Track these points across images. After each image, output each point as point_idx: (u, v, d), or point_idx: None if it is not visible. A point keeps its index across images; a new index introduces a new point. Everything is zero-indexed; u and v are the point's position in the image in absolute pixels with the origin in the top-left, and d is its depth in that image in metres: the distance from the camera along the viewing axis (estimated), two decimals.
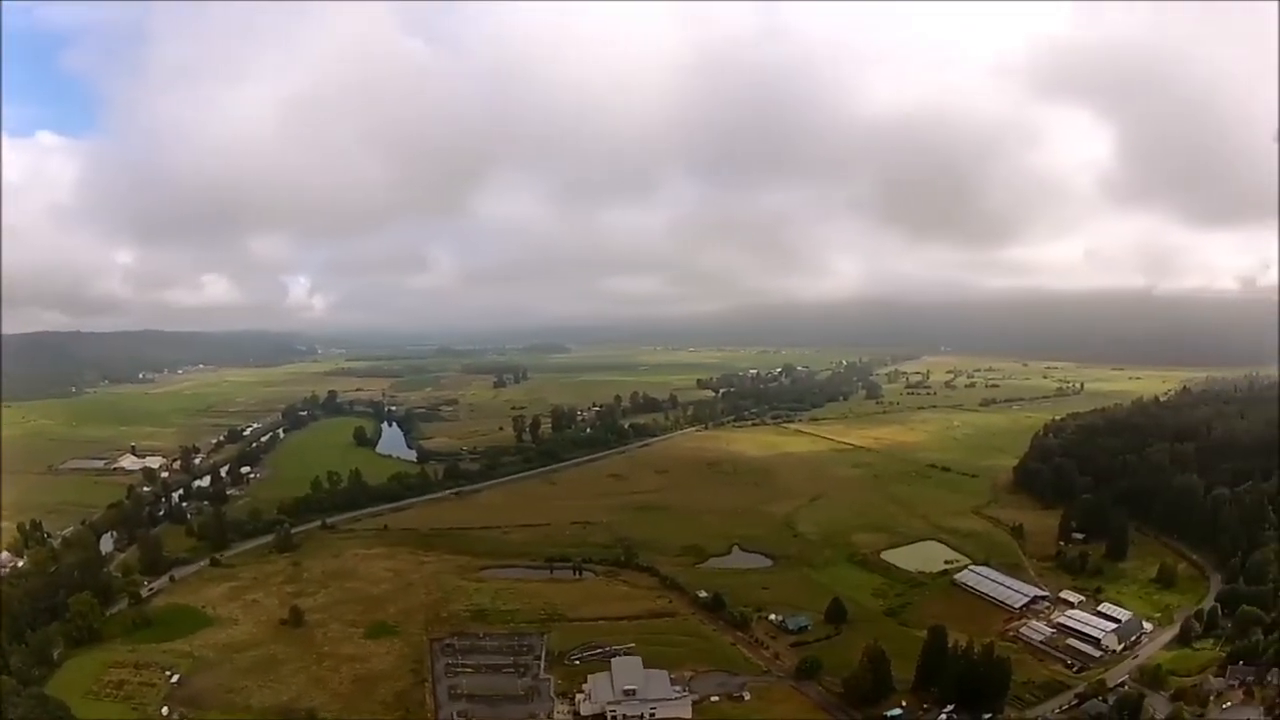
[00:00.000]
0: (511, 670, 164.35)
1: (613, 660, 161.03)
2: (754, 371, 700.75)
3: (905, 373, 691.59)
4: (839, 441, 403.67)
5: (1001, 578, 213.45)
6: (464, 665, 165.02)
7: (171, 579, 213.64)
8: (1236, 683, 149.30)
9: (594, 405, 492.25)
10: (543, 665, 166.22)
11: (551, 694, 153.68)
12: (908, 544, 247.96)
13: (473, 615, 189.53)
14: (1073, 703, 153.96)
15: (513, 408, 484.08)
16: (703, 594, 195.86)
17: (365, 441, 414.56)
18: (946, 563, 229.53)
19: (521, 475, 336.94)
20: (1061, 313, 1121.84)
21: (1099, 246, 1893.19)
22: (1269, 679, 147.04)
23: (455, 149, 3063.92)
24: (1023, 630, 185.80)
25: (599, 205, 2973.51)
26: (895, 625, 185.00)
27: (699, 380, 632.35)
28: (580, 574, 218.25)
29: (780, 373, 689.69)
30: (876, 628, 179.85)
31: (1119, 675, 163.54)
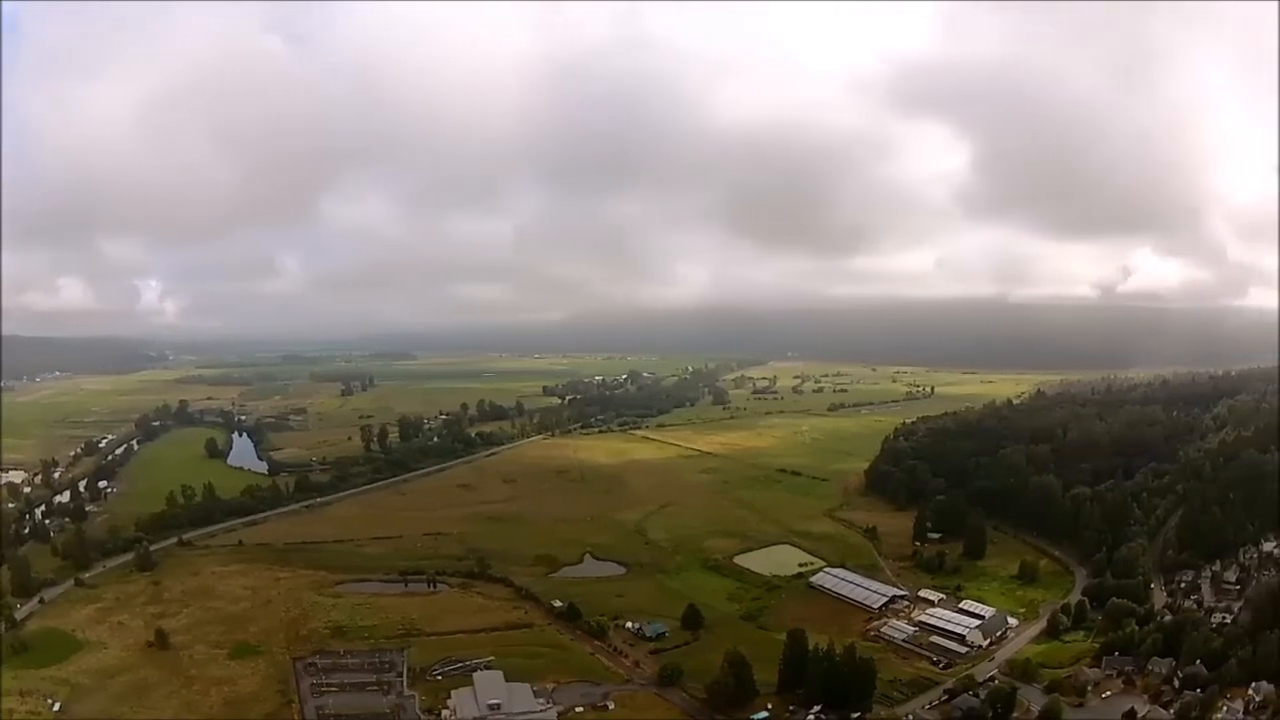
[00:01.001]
0: (376, 688, 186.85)
1: (475, 675, 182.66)
2: (600, 378, 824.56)
3: (752, 378, 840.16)
4: (687, 447, 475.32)
5: (858, 579, 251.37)
6: (329, 685, 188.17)
7: (41, 601, 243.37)
8: (1114, 672, 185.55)
9: (441, 413, 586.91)
10: (405, 682, 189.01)
11: (417, 711, 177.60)
12: (760, 548, 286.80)
13: (332, 632, 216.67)
14: (943, 699, 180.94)
15: (361, 416, 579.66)
16: (558, 604, 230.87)
17: (217, 453, 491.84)
18: (801, 566, 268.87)
19: (371, 486, 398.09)
20: (913, 319, 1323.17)
21: (951, 255, 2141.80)
22: (1150, 668, 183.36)
23: (308, 151, 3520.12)
24: (884, 630, 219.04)
25: (447, 211, 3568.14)
26: (754, 629, 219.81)
27: (545, 387, 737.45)
28: (435, 587, 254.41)
29: (626, 379, 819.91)
30: (734, 632, 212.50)
31: (988, 670, 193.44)
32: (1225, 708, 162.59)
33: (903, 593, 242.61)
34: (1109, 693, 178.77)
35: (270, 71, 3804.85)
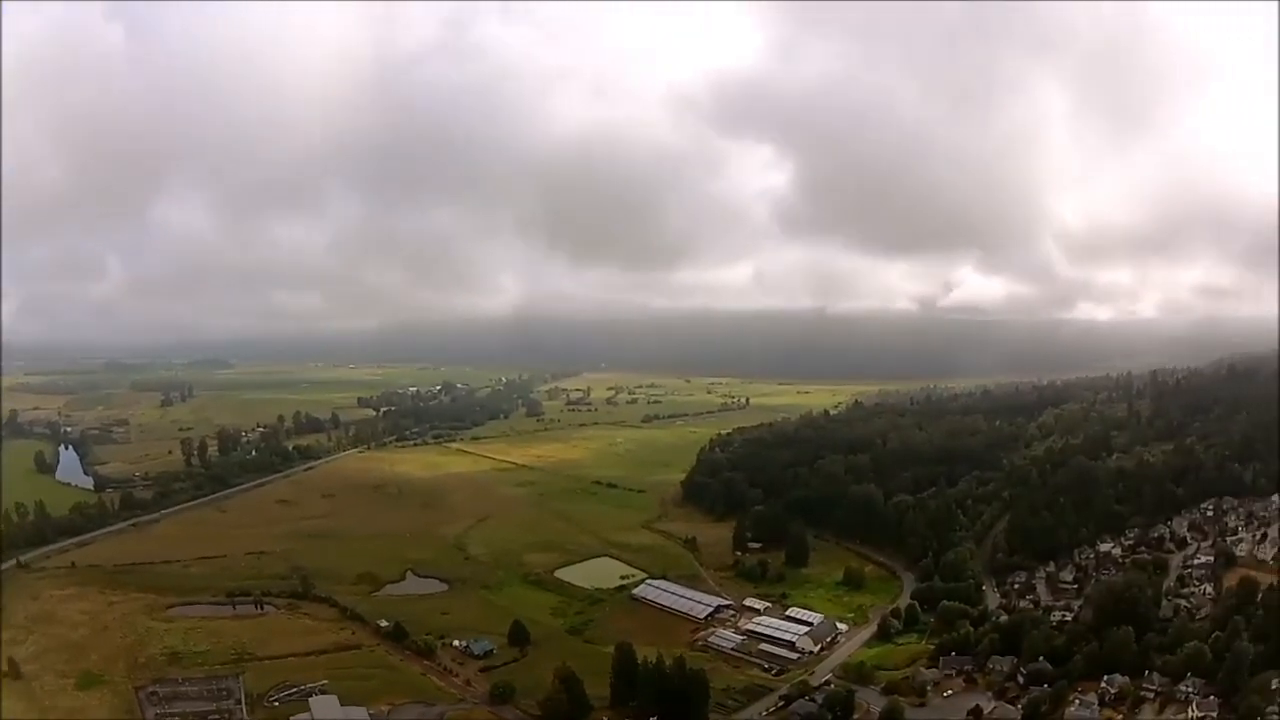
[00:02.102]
0: (216, 716, 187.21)
1: (310, 700, 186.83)
2: (414, 389, 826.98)
3: (566, 390, 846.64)
4: (502, 460, 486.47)
5: (682, 590, 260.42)
6: (171, 713, 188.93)
7: None
8: (953, 672, 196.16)
9: (258, 426, 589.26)
10: (244, 709, 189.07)
11: None
12: (580, 561, 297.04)
13: (168, 659, 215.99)
14: (779, 705, 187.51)
15: (180, 429, 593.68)
16: (384, 623, 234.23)
17: (46, 467, 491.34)
18: (622, 578, 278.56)
19: (194, 503, 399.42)
20: (728, 331, 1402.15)
21: (771, 269, 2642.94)
22: (991, 666, 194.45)
23: (135, 150, 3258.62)
24: (712, 639, 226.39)
25: (269, 215, 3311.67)
26: (580, 643, 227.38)
27: (360, 399, 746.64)
28: (262, 608, 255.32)
29: (440, 390, 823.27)
30: (561, 647, 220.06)
31: (821, 675, 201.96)
32: (1077, 701, 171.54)
33: (728, 602, 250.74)
34: (950, 691, 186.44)
35: (109, 63, 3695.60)
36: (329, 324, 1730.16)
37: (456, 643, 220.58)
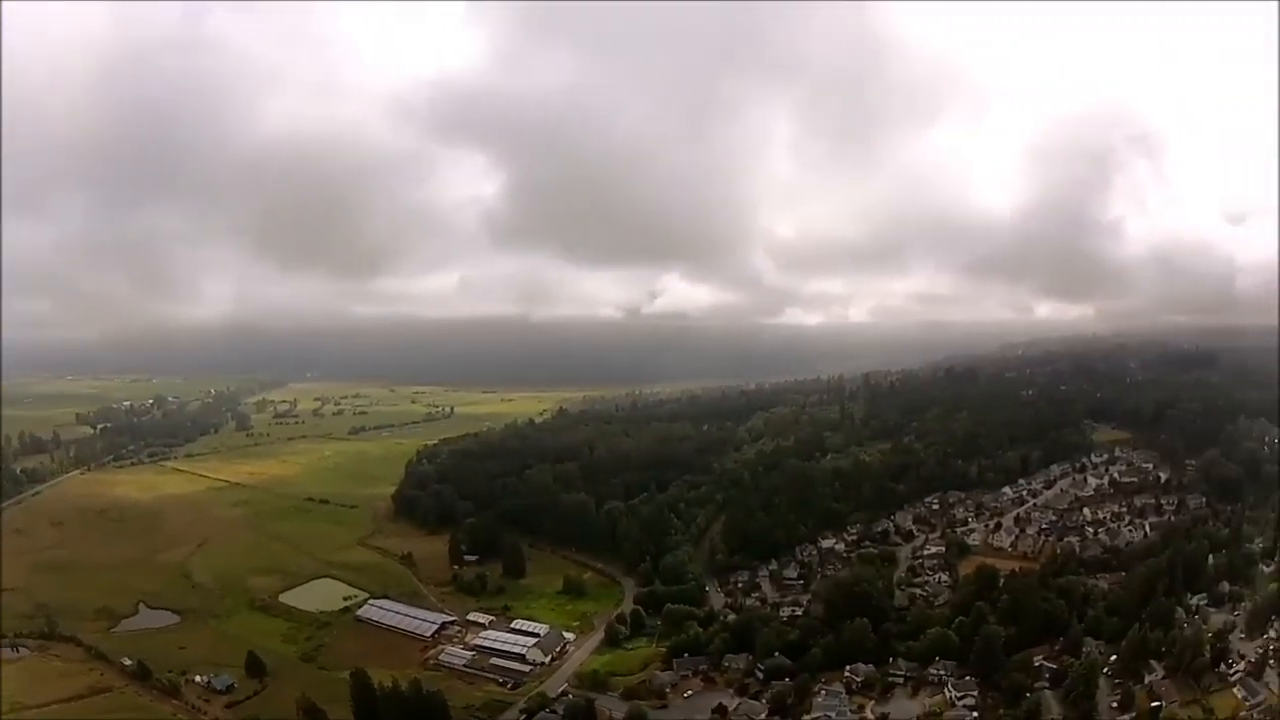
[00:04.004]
0: None
1: None
2: (128, 404, 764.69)
3: (273, 401, 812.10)
4: (216, 479, 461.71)
5: (405, 608, 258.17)
6: None
7: None
8: (688, 672, 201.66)
9: None
10: None
11: None
12: (302, 583, 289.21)
13: None
14: (520, 718, 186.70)
15: None
16: (128, 662, 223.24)
17: None
18: (346, 599, 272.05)
19: None
20: (433, 339, 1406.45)
21: (476, 277, 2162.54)
22: (726, 664, 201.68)
23: None
24: (442, 657, 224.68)
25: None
26: (315, 670, 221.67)
27: (78, 415, 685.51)
28: (18, 651, 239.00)
29: (153, 404, 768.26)
30: (298, 675, 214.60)
31: (557, 685, 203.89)
32: (823, 692, 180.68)
33: (452, 618, 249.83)
34: (690, 692, 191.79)
35: None
36: (55, 333, 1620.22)
37: (198, 678, 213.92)
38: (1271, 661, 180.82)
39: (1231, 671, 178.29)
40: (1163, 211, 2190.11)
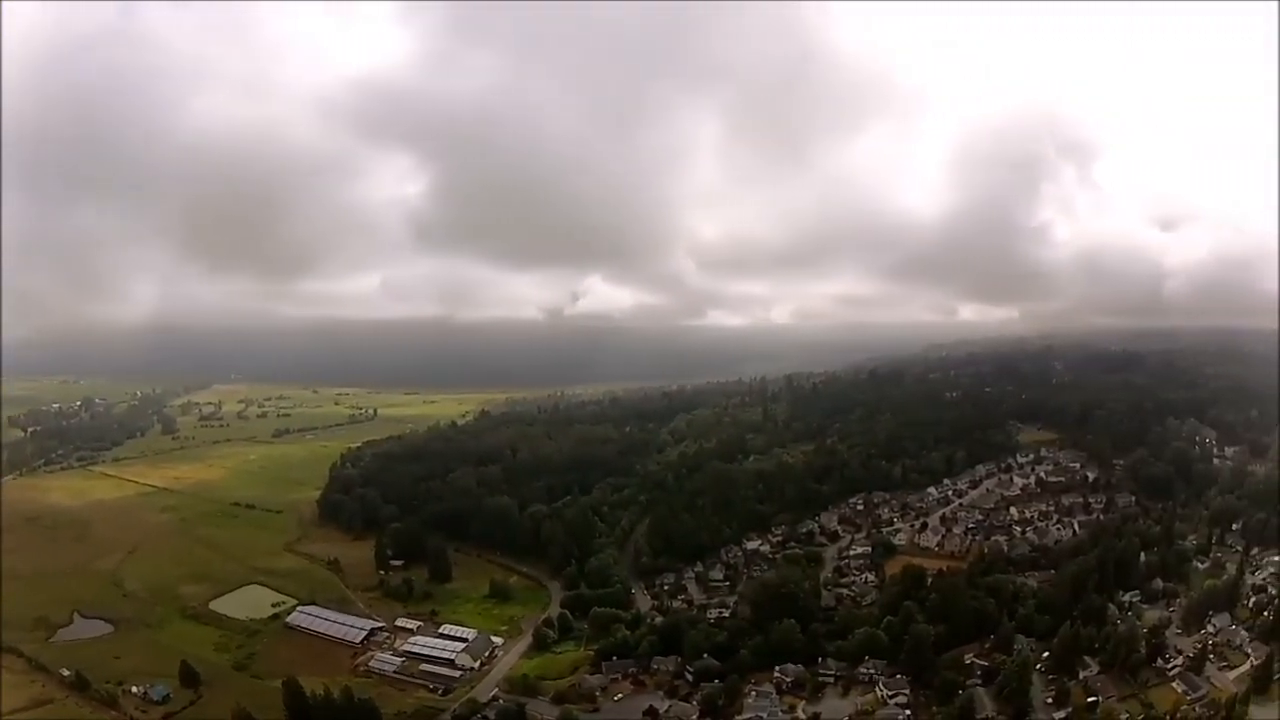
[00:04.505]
0: None
1: None
2: (57, 406, 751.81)
3: (198, 403, 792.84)
4: (144, 484, 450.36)
5: (333, 614, 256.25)
6: None
7: None
8: (618, 675, 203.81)
9: None
10: None
11: None
12: (231, 590, 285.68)
13: None
14: None
15: None
16: (66, 673, 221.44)
17: None
18: (275, 606, 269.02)
19: None
20: (355, 340, 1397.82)
21: (399, 278, 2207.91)
22: (655, 667, 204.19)
23: None
24: (373, 664, 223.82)
25: None
26: (249, 679, 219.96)
27: (9, 418, 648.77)
28: None
29: (80, 406, 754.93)
30: (232, 684, 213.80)
31: (487, 690, 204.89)
32: (754, 692, 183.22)
33: (380, 624, 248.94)
34: (620, 695, 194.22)
35: None
36: None
37: (135, 689, 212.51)
38: (1211, 656, 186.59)
39: (1170, 667, 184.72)
40: (1092, 217, 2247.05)
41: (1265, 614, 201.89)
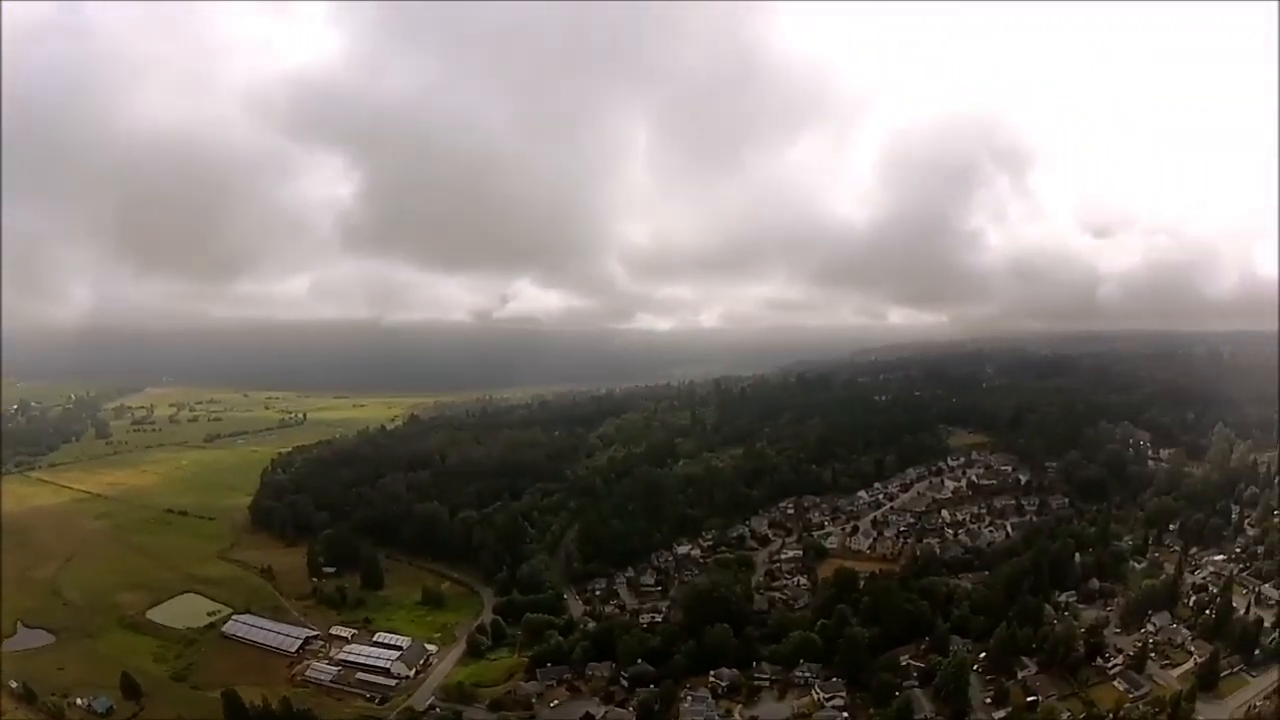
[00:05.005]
0: None
1: None
2: None
3: (131, 407, 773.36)
4: (79, 490, 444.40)
5: (268, 623, 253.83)
6: None
7: None
8: (553, 682, 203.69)
9: None
10: None
11: None
12: (168, 599, 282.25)
13: None
14: None
15: None
16: (14, 684, 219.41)
17: None
18: (210, 615, 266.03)
19: None
20: (285, 343, 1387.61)
21: (328, 280, 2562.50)
22: (590, 673, 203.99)
23: None
24: (309, 673, 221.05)
25: None
26: (188, 690, 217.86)
27: None
28: None
29: (17, 410, 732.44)
30: (172, 696, 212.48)
31: (424, 698, 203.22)
32: (689, 697, 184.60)
33: (315, 632, 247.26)
34: (556, 702, 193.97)
35: None
36: None
37: (79, 701, 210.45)
38: (1153, 655, 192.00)
39: (1110, 665, 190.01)
40: (1026, 223, 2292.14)
41: (1207, 612, 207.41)
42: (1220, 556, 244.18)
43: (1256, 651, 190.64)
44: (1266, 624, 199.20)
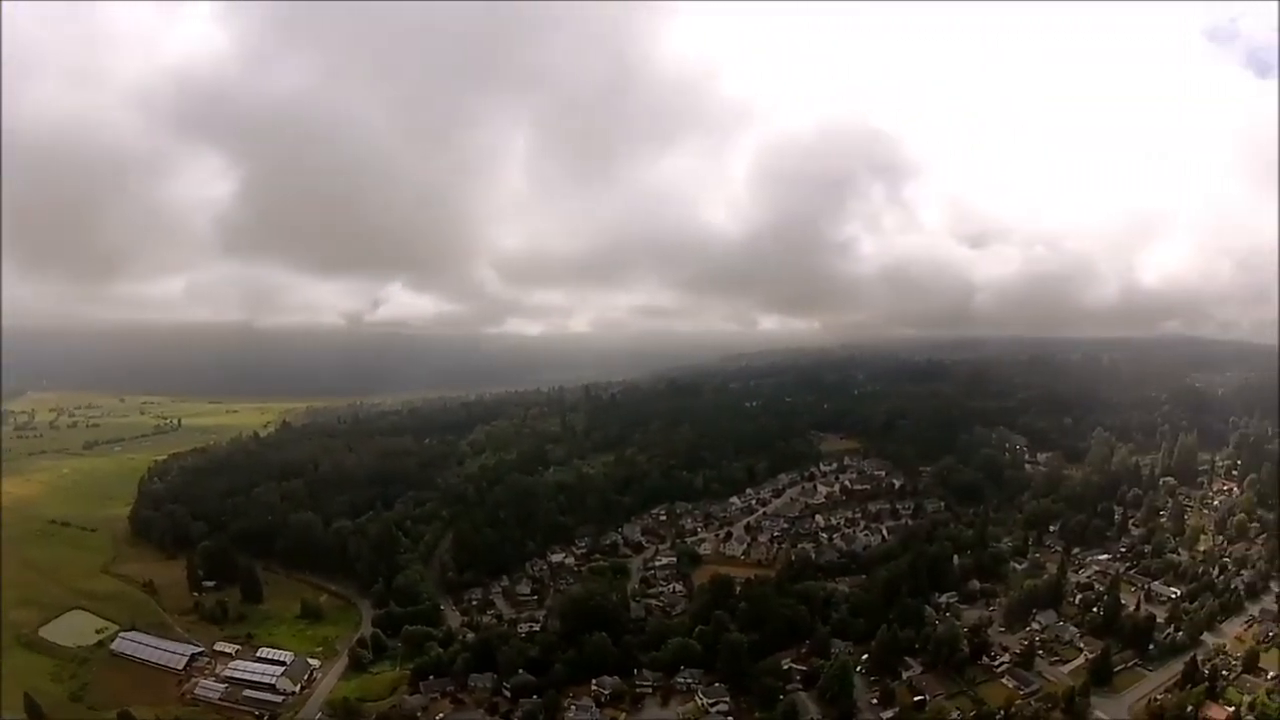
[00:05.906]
0: None
1: None
2: None
3: (14, 412, 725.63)
4: None
5: (155, 640, 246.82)
6: None
7: None
8: (437, 695, 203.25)
9: None
10: None
11: None
12: (57, 616, 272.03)
13: None
14: None
15: None
16: None
17: None
18: (98, 632, 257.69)
19: None
20: (160, 346, 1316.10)
21: (203, 282, 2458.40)
22: (473, 684, 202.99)
23: None
24: (198, 691, 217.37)
25: None
26: (86, 711, 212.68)
27: None
28: None
29: None
30: (70, 717, 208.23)
31: (311, 714, 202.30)
32: (573, 706, 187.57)
33: (200, 648, 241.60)
34: (441, 715, 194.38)
35: None
36: None
37: None
38: (1040, 652, 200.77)
39: (996, 664, 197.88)
40: (900, 233, 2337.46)
41: (1095, 610, 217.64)
42: (1105, 556, 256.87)
43: (1151, 646, 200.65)
44: (1160, 619, 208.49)
